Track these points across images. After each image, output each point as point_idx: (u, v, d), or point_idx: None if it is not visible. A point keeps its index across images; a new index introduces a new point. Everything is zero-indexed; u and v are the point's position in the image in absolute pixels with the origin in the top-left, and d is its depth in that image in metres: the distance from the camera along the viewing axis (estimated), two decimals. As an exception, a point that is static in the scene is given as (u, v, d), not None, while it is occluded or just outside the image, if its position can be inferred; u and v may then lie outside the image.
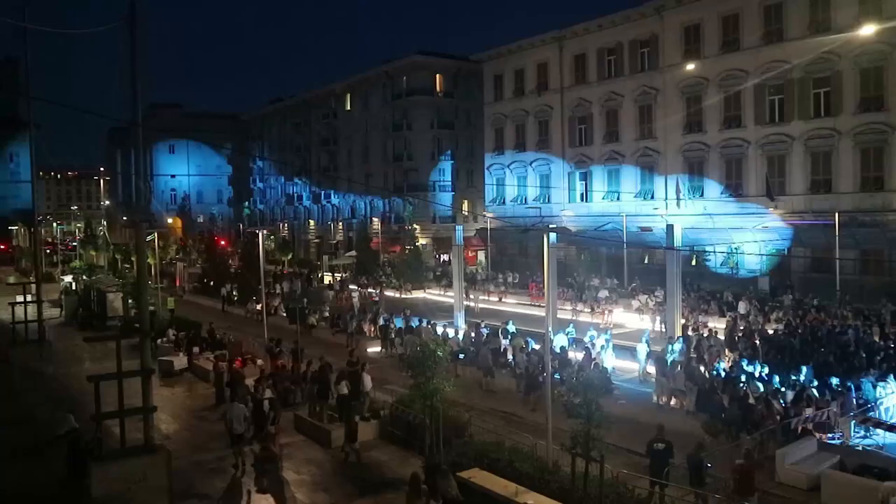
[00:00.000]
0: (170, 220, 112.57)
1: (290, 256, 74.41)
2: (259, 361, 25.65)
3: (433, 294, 50.75)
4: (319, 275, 61.80)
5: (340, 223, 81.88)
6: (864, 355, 22.63)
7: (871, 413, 18.23)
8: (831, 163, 38.88)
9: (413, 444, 17.38)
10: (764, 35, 41.29)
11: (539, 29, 70.04)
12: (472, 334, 28.55)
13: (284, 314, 40.01)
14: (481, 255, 61.83)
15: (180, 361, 28.11)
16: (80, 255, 71.25)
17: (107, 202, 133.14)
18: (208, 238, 60.87)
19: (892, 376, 19.70)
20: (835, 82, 38.36)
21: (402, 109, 71.17)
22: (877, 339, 26.05)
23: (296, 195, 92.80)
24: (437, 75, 70.77)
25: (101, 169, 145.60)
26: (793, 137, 40.08)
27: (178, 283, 57.32)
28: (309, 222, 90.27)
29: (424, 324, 29.59)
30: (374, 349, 31.01)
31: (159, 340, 29.99)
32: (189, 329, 31.61)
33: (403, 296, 50.50)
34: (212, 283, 53.23)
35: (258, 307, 36.87)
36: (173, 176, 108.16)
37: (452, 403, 18.16)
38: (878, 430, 17.27)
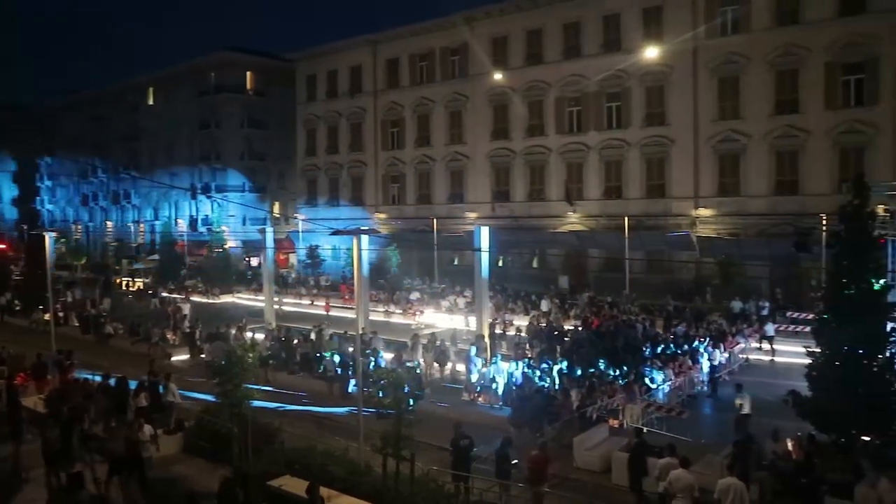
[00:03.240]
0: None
1: (83, 261, 68.79)
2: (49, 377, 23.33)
3: (243, 298, 49.08)
4: (118, 280, 57.69)
5: (142, 225, 76.88)
6: (648, 346, 24.84)
7: (653, 398, 20.06)
8: (622, 171, 42.36)
9: (221, 456, 16.65)
10: (564, 50, 44.17)
11: (354, 31, 70.05)
12: (283, 338, 28.03)
13: (77, 324, 36.96)
14: (293, 258, 60.75)
15: (-54, 380, 24.86)
16: None
17: None
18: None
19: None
20: (624, 98, 41.87)
21: (211, 107, 68.23)
22: (660, 331, 28.78)
23: (91, 194, 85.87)
24: (249, 73, 68.69)
25: None
26: (589, 147, 43.20)
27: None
28: (107, 224, 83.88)
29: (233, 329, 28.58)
30: (181, 357, 29.53)
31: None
32: (-42, 343, 28.07)
33: (212, 300, 48.41)
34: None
35: (45, 317, 33.71)
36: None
37: (262, 410, 17.64)
38: (660, 413, 19.06)
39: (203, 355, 28.13)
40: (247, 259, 63.86)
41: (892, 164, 33.25)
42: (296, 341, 27.20)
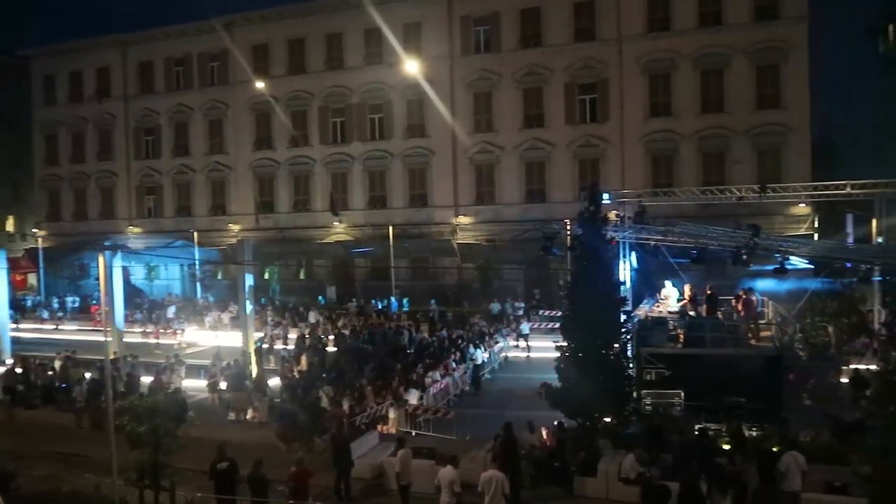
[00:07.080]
0: None
1: None
2: None
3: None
4: None
5: None
6: (414, 351, 25.65)
7: (421, 401, 20.72)
8: (385, 181, 43.31)
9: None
10: (327, 61, 44.22)
11: (99, 30, 64.20)
12: (20, 370, 25.04)
13: None
14: (32, 279, 54.57)
15: None
16: None
17: None
18: None
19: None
20: (387, 109, 42.88)
21: (-79, 107, 59.07)
22: (426, 335, 29.79)
23: None
24: (-31, 69, 60.44)
25: None
26: (353, 157, 43.65)
27: None
28: None
29: None
30: None
31: None
32: None
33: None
34: None
35: None
36: None
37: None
38: (427, 415, 19.76)
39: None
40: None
41: (622, 174, 37.42)
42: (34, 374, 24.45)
